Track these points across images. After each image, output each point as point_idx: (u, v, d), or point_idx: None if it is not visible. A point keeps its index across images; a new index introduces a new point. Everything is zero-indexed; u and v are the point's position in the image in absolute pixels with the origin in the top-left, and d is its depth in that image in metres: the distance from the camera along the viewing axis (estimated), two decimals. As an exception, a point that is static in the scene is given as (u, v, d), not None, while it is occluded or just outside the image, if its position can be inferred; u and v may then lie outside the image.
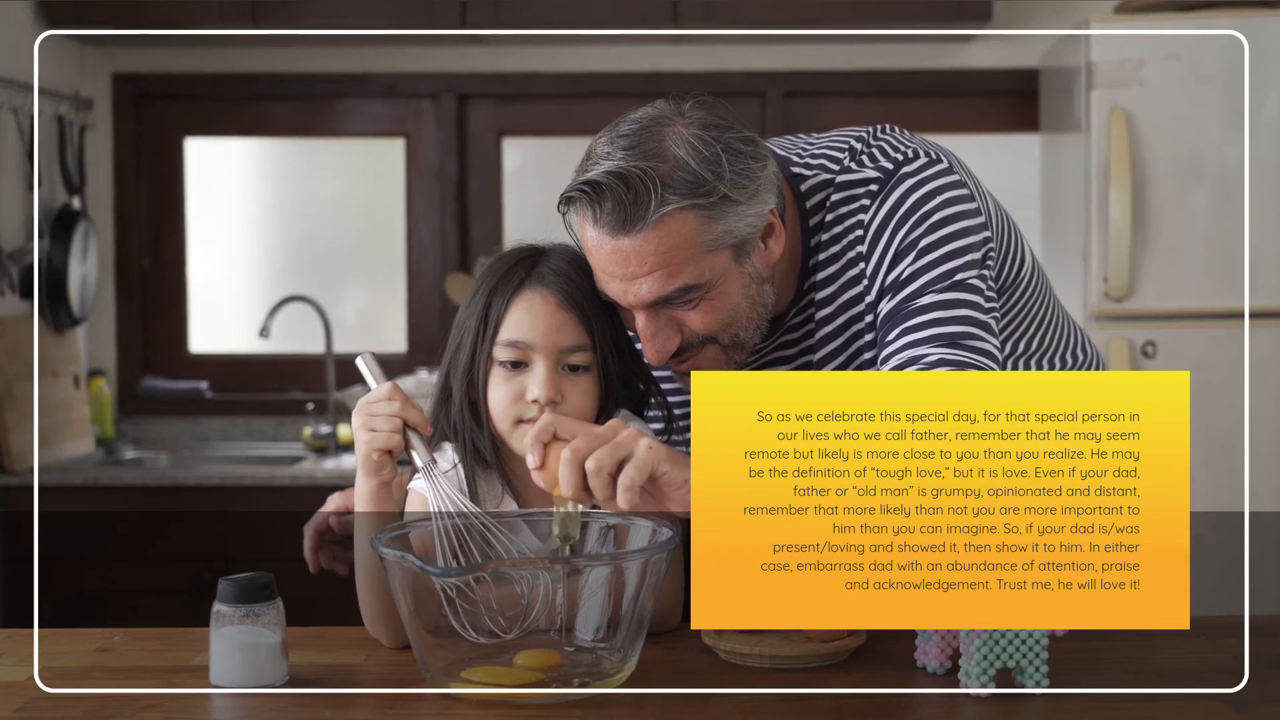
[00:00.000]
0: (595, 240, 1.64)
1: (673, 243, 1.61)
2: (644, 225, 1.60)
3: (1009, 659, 1.44)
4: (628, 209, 1.59)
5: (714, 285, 1.65)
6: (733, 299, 1.68)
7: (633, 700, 1.46)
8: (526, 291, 1.71)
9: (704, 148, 1.62)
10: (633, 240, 1.61)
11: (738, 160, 1.64)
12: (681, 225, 1.61)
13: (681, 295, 1.65)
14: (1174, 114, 3.45)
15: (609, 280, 1.66)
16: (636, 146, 1.62)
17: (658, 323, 1.67)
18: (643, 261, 1.62)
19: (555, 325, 1.70)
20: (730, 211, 1.63)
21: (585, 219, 1.64)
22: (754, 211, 1.65)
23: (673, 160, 1.61)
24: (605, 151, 1.63)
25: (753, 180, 1.65)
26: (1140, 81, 3.44)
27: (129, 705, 1.45)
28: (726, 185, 1.62)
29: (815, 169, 1.78)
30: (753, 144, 1.67)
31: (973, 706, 1.43)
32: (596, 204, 1.61)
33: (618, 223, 1.60)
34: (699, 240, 1.62)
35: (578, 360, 1.71)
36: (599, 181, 1.60)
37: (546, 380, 1.68)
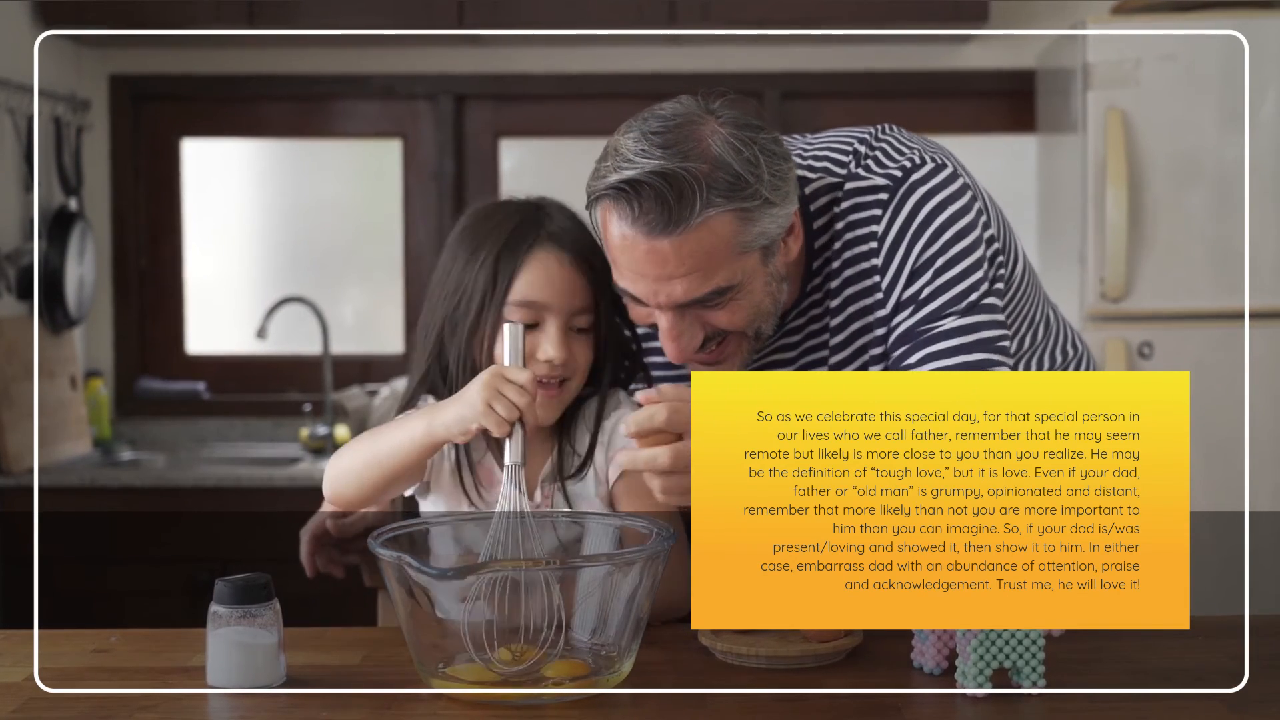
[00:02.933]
0: (630, 239, 1.60)
1: (711, 245, 1.58)
2: (686, 227, 1.57)
3: (1005, 659, 1.44)
4: (671, 210, 1.56)
5: (743, 286, 1.64)
6: (757, 297, 1.66)
7: (630, 700, 1.45)
8: (540, 251, 1.70)
9: (744, 148, 1.59)
10: (672, 241, 1.58)
11: (773, 162, 1.61)
12: (721, 227, 1.58)
13: (713, 297, 1.63)
14: (1170, 114, 3.45)
15: (638, 280, 1.62)
16: (674, 145, 1.58)
17: (683, 323, 1.65)
18: (681, 263, 1.59)
19: (569, 286, 1.70)
20: (766, 214, 1.61)
21: (619, 217, 1.59)
22: (785, 213, 1.64)
23: (713, 160, 1.58)
24: (640, 149, 1.58)
25: (785, 180, 1.63)
26: (1137, 82, 3.43)
27: (126, 706, 1.44)
28: (766, 188, 1.59)
29: (819, 171, 1.77)
30: (780, 145, 1.65)
31: (969, 707, 1.43)
32: (636, 202, 1.57)
33: (658, 223, 1.57)
34: (735, 243, 1.60)
35: (583, 323, 1.72)
36: (640, 180, 1.56)
37: (559, 341, 1.69)
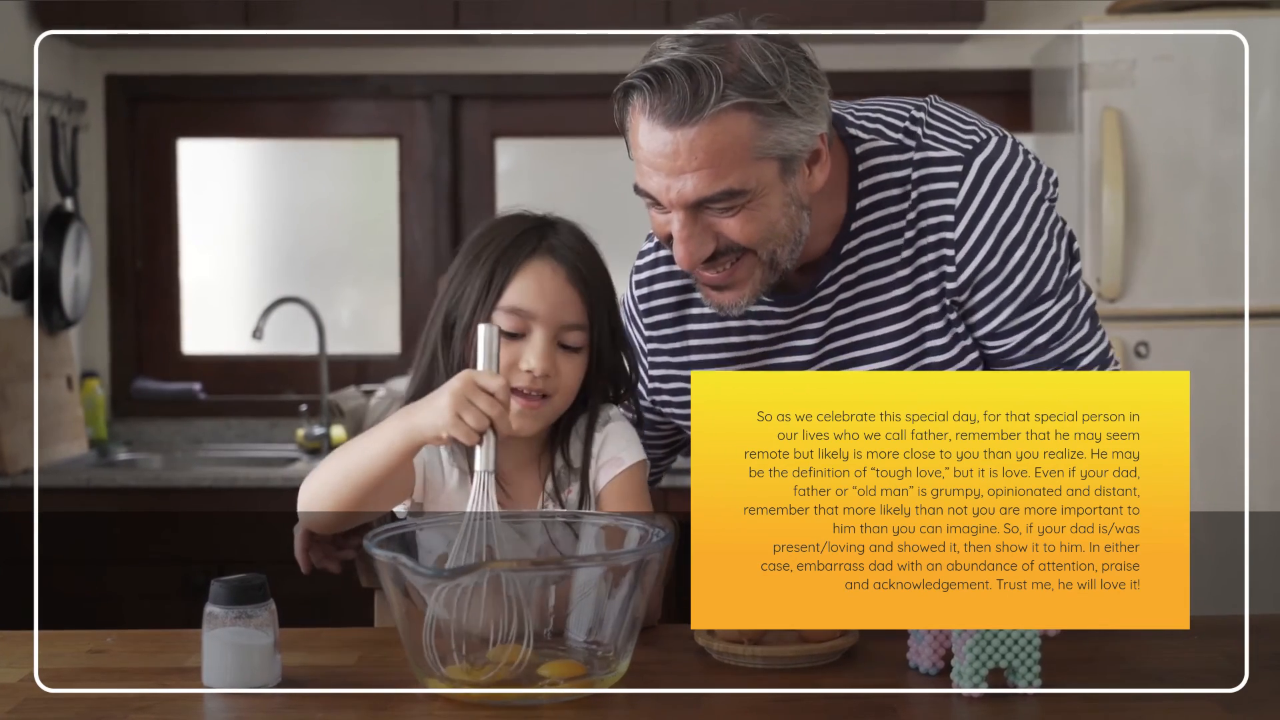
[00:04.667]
0: (647, 130, 1.62)
1: (725, 141, 1.59)
2: (700, 118, 1.58)
3: (1001, 659, 1.43)
4: (687, 98, 1.58)
5: (757, 195, 1.63)
6: (773, 213, 1.66)
7: (626, 700, 1.45)
8: (536, 261, 1.70)
9: (771, 55, 1.63)
10: (685, 132, 1.59)
11: (800, 75, 1.64)
12: (736, 125, 1.60)
13: (724, 199, 1.62)
14: (1166, 114, 3.45)
15: (652, 174, 1.63)
16: (704, 44, 1.62)
17: (694, 225, 1.65)
18: (692, 156, 1.60)
19: (561, 299, 1.68)
20: (785, 122, 1.62)
21: (640, 109, 1.62)
22: (807, 130, 1.65)
23: (739, 60, 1.61)
24: (670, 45, 1.63)
25: (811, 98, 1.65)
26: (1132, 82, 3.43)
27: (122, 706, 1.44)
28: (787, 94, 1.61)
29: (872, 134, 1.79)
30: (814, 67, 1.68)
31: (965, 707, 1.43)
32: (656, 91, 1.60)
33: (674, 112, 1.59)
34: (751, 144, 1.61)
35: (574, 340, 1.70)
36: (662, 68, 1.60)
37: (543, 353, 1.67)
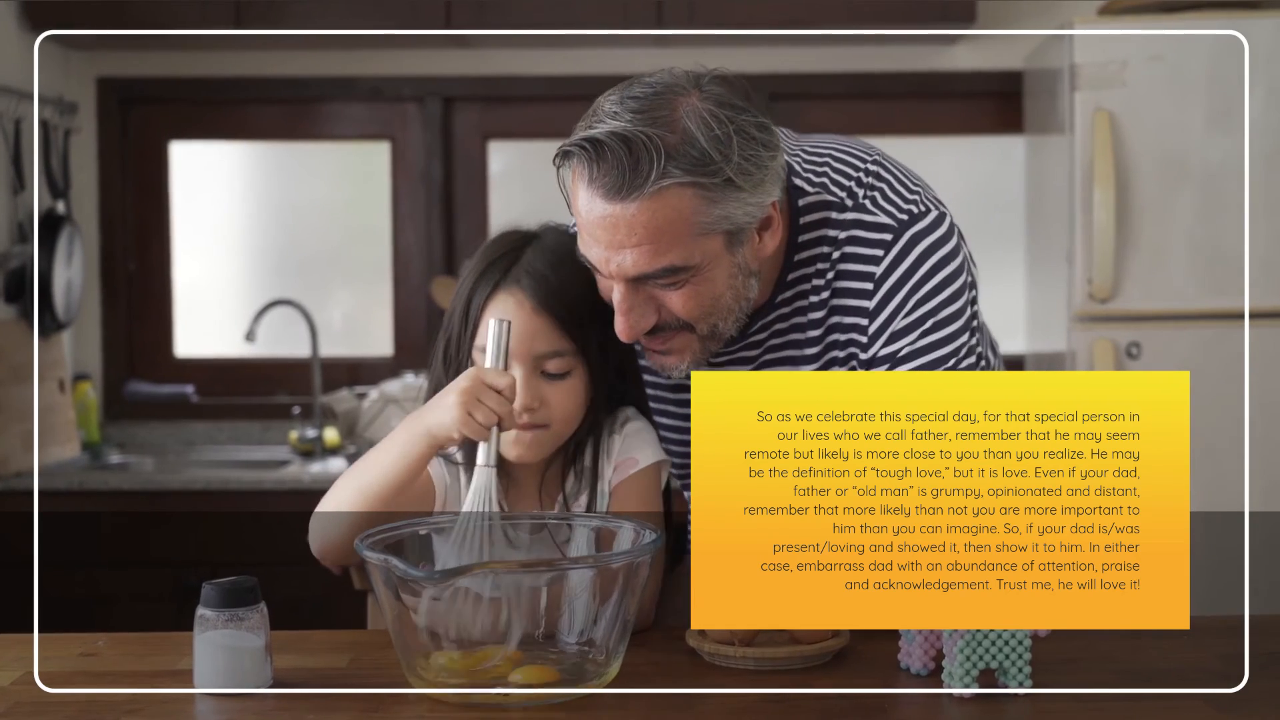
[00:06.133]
0: (586, 199, 1.57)
1: (666, 218, 1.54)
2: (640, 194, 1.53)
3: (992, 659, 1.43)
4: (626, 174, 1.53)
5: (701, 270, 1.59)
6: (718, 287, 1.62)
7: (617, 702, 1.45)
8: (501, 294, 1.65)
9: (716, 126, 1.55)
10: (625, 208, 1.54)
11: (748, 145, 1.57)
12: (679, 202, 1.54)
13: (666, 275, 1.58)
14: (1157, 115, 3.45)
15: (593, 244, 1.59)
16: (646, 111, 1.55)
17: (635, 298, 1.61)
18: (631, 232, 1.55)
19: (530, 331, 1.64)
20: (732, 197, 1.57)
21: (580, 177, 1.57)
22: (755, 201, 1.59)
23: (681, 132, 1.54)
24: (613, 110, 1.57)
25: (760, 169, 1.59)
26: (1124, 83, 3.43)
27: (113, 708, 1.44)
28: (733, 169, 1.55)
29: (817, 187, 1.73)
30: (766, 131, 1.61)
31: (956, 707, 1.42)
32: (595, 163, 1.54)
33: (613, 187, 1.54)
34: (694, 221, 1.56)
35: (555, 368, 1.66)
36: (600, 140, 1.54)
37: (523, 388, 1.63)
